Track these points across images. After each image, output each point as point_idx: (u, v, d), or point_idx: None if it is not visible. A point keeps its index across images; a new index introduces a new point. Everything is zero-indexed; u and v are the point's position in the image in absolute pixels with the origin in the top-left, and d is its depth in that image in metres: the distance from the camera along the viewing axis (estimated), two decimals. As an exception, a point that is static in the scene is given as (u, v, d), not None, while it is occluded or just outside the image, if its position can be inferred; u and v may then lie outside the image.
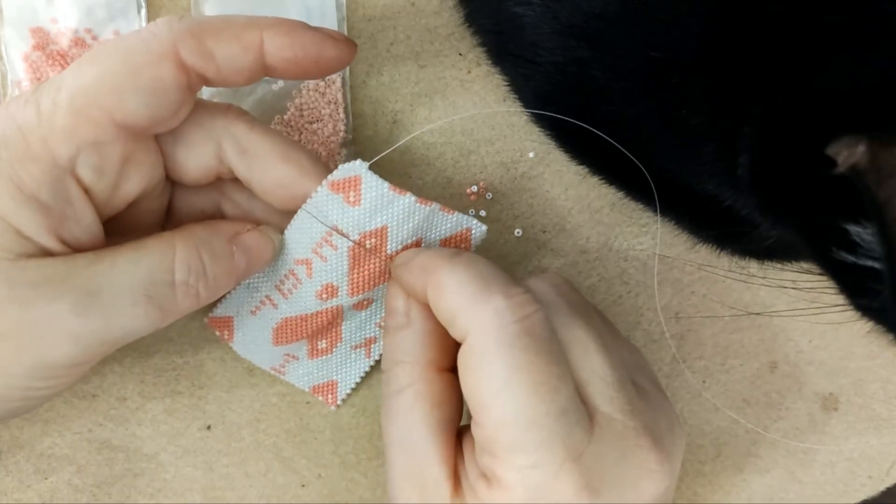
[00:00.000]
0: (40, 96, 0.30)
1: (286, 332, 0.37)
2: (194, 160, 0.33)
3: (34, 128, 0.29)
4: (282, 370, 0.39)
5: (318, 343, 0.38)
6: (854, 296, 0.30)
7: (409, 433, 0.32)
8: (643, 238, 0.41)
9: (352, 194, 0.32)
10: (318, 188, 0.33)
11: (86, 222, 0.31)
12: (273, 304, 0.36)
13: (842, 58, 0.27)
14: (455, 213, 0.35)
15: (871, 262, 0.27)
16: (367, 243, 0.33)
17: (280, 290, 0.36)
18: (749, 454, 0.42)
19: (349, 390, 0.40)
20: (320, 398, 0.40)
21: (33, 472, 0.39)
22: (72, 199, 0.31)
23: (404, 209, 0.33)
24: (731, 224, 0.36)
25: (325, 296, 0.35)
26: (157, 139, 0.33)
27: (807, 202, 0.29)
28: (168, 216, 0.36)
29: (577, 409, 0.30)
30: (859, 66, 0.27)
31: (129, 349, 0.38)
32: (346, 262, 0.34)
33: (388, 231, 0.33)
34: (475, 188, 0.40)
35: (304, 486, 0.41)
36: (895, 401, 0.42)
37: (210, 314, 0.39)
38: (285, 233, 0.35)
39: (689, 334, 0.42)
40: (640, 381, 0.33)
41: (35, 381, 0.31)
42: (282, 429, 0.40)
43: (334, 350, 0.39)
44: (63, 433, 0.39)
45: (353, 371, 0.40)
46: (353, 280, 0.34)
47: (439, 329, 0.33)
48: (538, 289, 0.33)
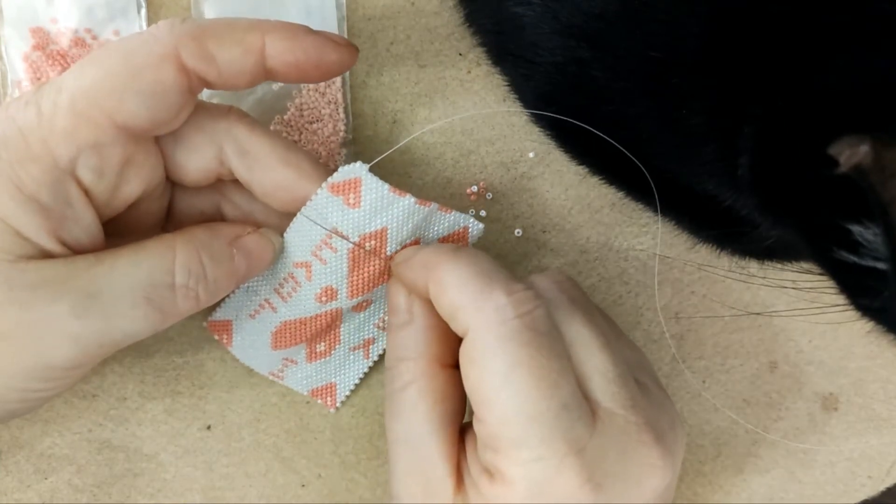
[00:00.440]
0: (41, 97, 0.30)
1: (285, 336, 0.36)
2: (195, 162, 0.33)
3: (34, 129, 0.29)
4: (280, 375, 0.39)
5: (317, 346, 0.38)
6: (855, 296, 0.30)
7: (413, 429, 0.32)
8: (643, 238, 0.41)
9: (352, 196, 0.32)
10: (319, 190, 0.33)
11: (86, 224, 0.31)
12: (272, 308, 0.36)
13: (842, 58, 0.27)
14: (452, 212, 0.35)
15: (872, 262, 0.27)
16: (366, 245, 0.33)
17: (279, 293, 0.36)
18: (749, 454, 0.42)
19: (348, 392, 0.40)
20: (319, 401, 0.40)
21: (33, 472, 0.39)
22: (72, 200, 0.31)
23: (404, 211, 0.33)
24: (731, 224, 0.36)
25: (324, 298, 0.35)
26: (157, 141, 0.33)
27: (808, 202, 0.29)
28: (168, 217, 0.36)
29: (579, 404, 0.30)
30: (860, 66, 0.27)
31: (129, 349, 0.38)
32: (345, 265, 0.34)
33: (388, 233, 0.33)
34: (475, 188, 0.40)
35: (304, 486, 0.41)
36: (895, 401, 0.42)
37: (209, 318, 0.38)
38: (285, 235, 0.35)
39: (689, 334, 0.42)
40: (642, 379, 0.33)
41: (34, 383, 0.31)
42: (282, 429, 0.40)
43: (333, 352, 0.39)
44: (63, 433, 0.39)
45: (351, 373, 0.40)
46: (352, 282, 0.34)
47: (442, 325, 0.33)
48: (540, 285, 0.33)
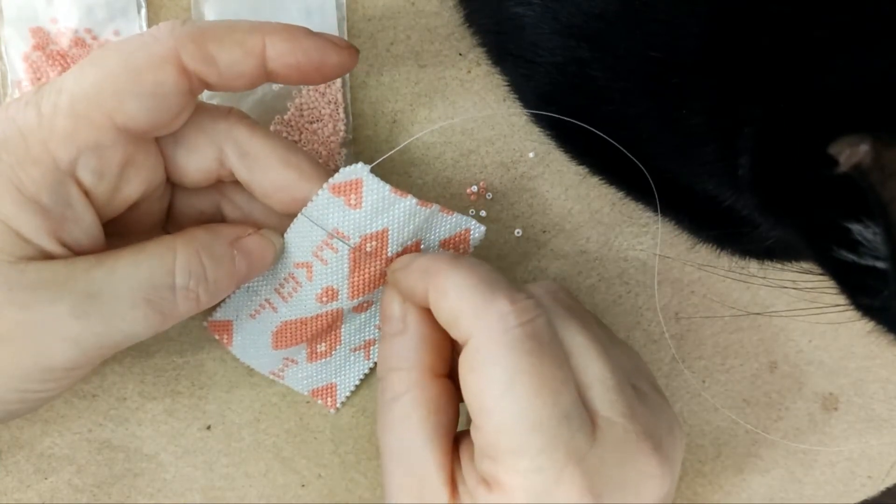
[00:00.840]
0: (41, 98, 0.30)
1: (285, 336, 0.36)
2: (195, 163, 0.33)
3: (35, 130, 0.29)
4: (281, 374, 0.39)
5: (318, 346, 0.38)
6: (855, 295, 0.30)
7: (406, 440, 0.32)
8: (643, 238, 0.41)
9: (353, 197, 0.32)
10: (319, 191, 0.33)
11: (86, 225, 0.31)
12: (273, 308, 0.36)
13: (842, 58, 0.27)
14: (454, 214, 0.35)
15: (872, 261, 0.27)
16: (367, 246, 0.33)
17: (280, 293, 0.36)
18: (749, 454, 0.42)
19: (348, 393, 0.40)
20: (320, 401, 0.40)
21: (33, 472, 0.39)
22: (72, 201, 0.31)
23: (405, 212, 0.33)
24: (731, 224, 0.36)
25: (325, 299, 0.35)
26: (157, 142, 0.33)
27: (808, 202, 0.29)
28: (168, 218, 0.36)
29: (580, 413, 0.29)
30: (860, 66, 0.27)
31: (129, 349, 0.38)
32: (346, 265, 0.34)
33: (389, 234, 0.33)
34: (475, 188, 0.40)
35: (304, 486, 0.41)
36: (895, 401, 0.42)
37: (209, 318, 0.38)
38: (286, 236, 0.35)
39: (688, 334, 0.42)
40: (639, 385, 0.33)
41: (33, 384, 0.31)
42: (282, 429, 0.40)
43: (333, 353, 0.39)
44: (63, 433, 0.39)
45: (352, 374, 0.40)
46: (353, 283, 0.34)
47: (435, 335, 0.33)
48: (536, 294, 0.33)
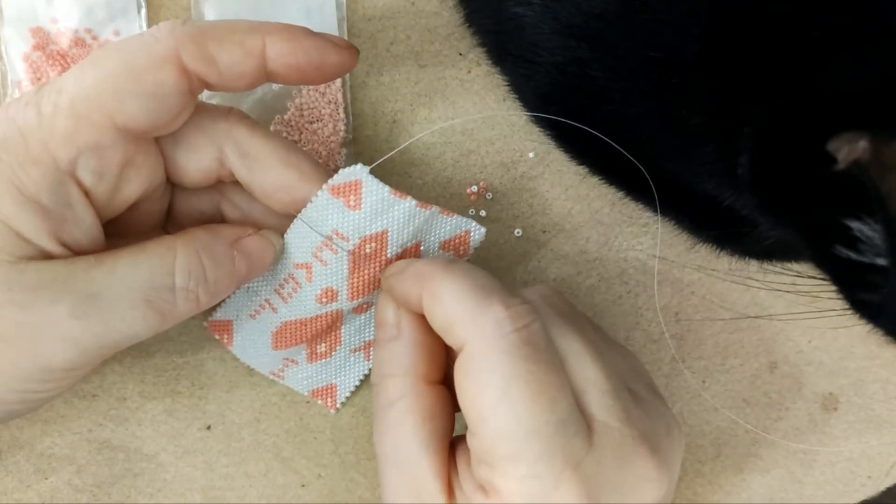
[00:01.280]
0: (41, 99, 0.30)
1: (285, 337, 0.36)
2: (195, 163, 0.33)
3: (35, 130, 0.29)
4: (281, 375, 0.39)
5: (318, 347, 0.38)
6: (854, 292, 0.30)
7: (402, 446, 0.32)
8: (643, 238, 0.41)
9: (352, 198, 0.32)
10: (319, 192, 0.33)
11: (86, 225, 0.31)
12: (272, 308, 0.36)
13: (842, 58, 0.27)
14: (454, 216, 0.35)
15: (871, 258, 0.27)
16: (367, 247, 0.33)
17: (280, 293, 0.36)
18: (749, 454, 0.42)
19: (348, 393, 0.40)
20: (320, 402, 0.40)
21: (33, 472, 0.39)
22: (72, 201, 0.31)
23: (405, 213, 0.33)
24: (731, 224, 0.36)
25: (324, 300, 0.35)
26: (157, 142, 0.33)
27: (808, 200, 0.29)
28: (168, 218, 0.36)
29: (577, 418, 0.29)
30: (859, 65, 0.27)
31: (129, 349, 0.38)
32: (345, 266, 0.34)
33: (389, 235, 0.33)
34: (475, 188, 0.40)
35: (304, 486, 0.41)
36: (895, 401, 0.42)
37: (209, 318, 0.38)
38: (285, 236, 0.35)
39: (688, 334, 0.42)
40: (636, 388, 0.32)
41: (33, 384, 0.31)
42: (282, 429, 0.40)
43: (333, 354, 0.39)
44: (63, 433, 0.39)
45: (352, 374, 0.40)
46: (352, 284, 0.34)
47: (430, 341, 0.33)
48: (530, 299, 0.32)
